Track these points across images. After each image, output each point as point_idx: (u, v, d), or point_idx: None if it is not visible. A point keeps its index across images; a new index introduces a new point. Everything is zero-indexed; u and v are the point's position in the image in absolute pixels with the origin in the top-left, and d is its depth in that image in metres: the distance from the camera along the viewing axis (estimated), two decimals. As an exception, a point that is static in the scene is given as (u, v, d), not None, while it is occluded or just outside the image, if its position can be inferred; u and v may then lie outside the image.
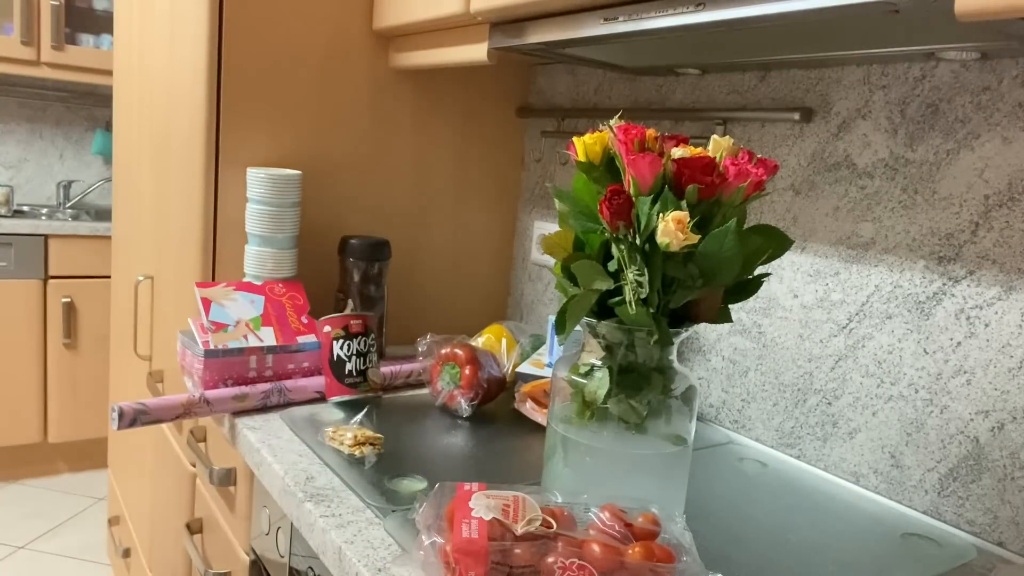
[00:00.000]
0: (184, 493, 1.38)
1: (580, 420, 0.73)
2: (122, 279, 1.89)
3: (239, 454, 1.06)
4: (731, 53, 0.98)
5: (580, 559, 0.59)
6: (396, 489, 0.84)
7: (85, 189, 3.18)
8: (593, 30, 0.89)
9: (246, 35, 1.21)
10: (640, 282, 0.66)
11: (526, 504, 0.63)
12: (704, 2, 0.76)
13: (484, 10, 1.01)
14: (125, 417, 0.95)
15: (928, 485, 0.91)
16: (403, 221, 1.43)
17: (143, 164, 1.63)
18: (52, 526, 2.50)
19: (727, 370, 1.15)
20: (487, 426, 1.07)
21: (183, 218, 1.33)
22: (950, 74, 0.89)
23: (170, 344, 1.45)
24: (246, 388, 1.04)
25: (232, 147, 1.23)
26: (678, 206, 0.66)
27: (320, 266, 1.34)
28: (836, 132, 1.01)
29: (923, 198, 0.92)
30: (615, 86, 1.34)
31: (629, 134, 0.68)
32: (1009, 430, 0.84)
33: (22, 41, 2.69)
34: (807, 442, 1.04)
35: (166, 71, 1.42)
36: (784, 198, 1.07)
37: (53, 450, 2.87)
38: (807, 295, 1.04)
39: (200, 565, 1.20)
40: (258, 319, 1.11)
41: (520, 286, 1.58)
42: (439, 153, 1.45)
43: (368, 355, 1.09)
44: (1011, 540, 0.84)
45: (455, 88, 1.44)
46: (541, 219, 1.51)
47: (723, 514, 0.87)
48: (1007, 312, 0.84)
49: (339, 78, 1.31)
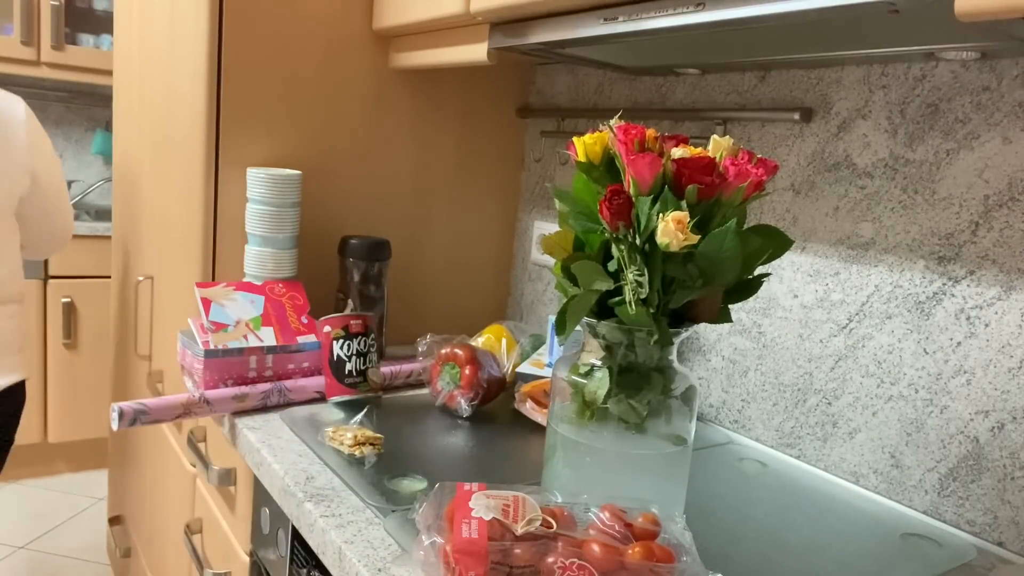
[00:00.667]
0: (184, 493, 1.38)
1: (580, 420, 0.73)
2: (122, 279, 1.89)
3: (239, 454, 1.06)
4: (731, 53, 0.98)
5: (580, 559, 0.59)
6: (396, 489, 0.84)
7: (85, 189, 3.18)
8: (593, 30, 0.89)
9: (246, 35, 1.21)
10: (640, 282, 0.66)
11: (526, 504, 0.63)
12: (704, 2, 0.76)
13: (484, 10, 1.01)
14: (125, 417, 0.95)
15: (928, 485, 0.91)
16: (403, 221, 1.43)
17: (143, 164, 1.63)
18: (52, 526, 2.50)
19: (727, 370, 1.15)
20: (487, 426, 1.07)
21: (183, 218, 1.33)
22: (950, 74, 0.89)
23: (170, 344, 1.45)
24: (246, 388, 1.04)
25: (232, 147, 1.23)
26: (678, 206, 0.66)
27: (320, 266, 1.34)
28: (836, 132, 1.01)
29: (923, 198, 0.92)
30: (615, 86, 1.34)
31: (629, 134, 0.68)
32: (1009, 430, 0.84)
33: (22, 41, 2.69)
34: (807, 442, 1.04)
35: (166, 71, 1.42)
36: (784, 198, 1.07)
37: (53, 450, 2.87)
38: (807, 295, 1.04)
39: (200, 565, 1.20)
40: (258, 319, 1.11)
41: (520, 286, 1.58)
42: (439, 153, 1.45)
43: (368, 355, 1.09)
44: (1011, 540, 0.84)
45: (455, 88, 1.44)
46: (541, 219, 1.51)
47: (723, 514, 0.87)
48: (1007, 312, 0.84)
49: (339, 78, 1.31)
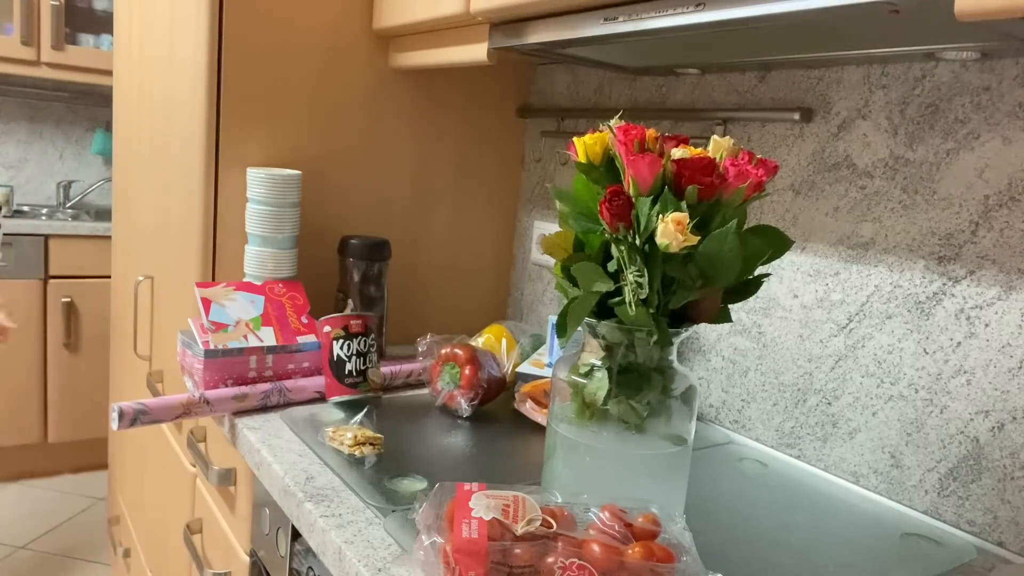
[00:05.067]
0: (184, 493, 1.38)
1: (580, 420, 0.73)
2: (122, 279, 1.89)
3: (239, 454, 1.06)
4: (731, 53, 0.98)
5: (580, 559, 0.59)
6: (396, 489, 0.84)
7: (85, 189, 3.18)
8: (593, 30, 0.89)
9: (246, 35, 1.21)
10: (640, 283, 0.66)
11: (526, 504, 0.63)
12: (704, 2, 0.76)
13: (484, 10, 1.01)
14: (125, 417, 0.95)
15: (928, 485, 0.91)
16: (403, 221, 1.43)
17: (143, 164, 1.63)
18: (52, 526, 2.50)
19: (727, 370, 1.15)
20: (487, 426, 1.07)
21: (183, 218, 1.33)
22: (950, 74, 0.89)
23: (170, 344, 1.45)
24: (246, 388, 1.04)
25: (232, 147, 1.23)
26: (678, 207, 0.66)
27: (320, 266, 1.34)
28: (836, 132, 1.01)
29: (923, 198, 0.92)
30: (615, 86, 1.34)
31: (629, 134, 0.68)
32: (1009, 430, 0.84)
33: (22, 41, 2.69)
34: (807, 442, 1.04)
35: (166, 71, 1.42)
36: (784, 198, 1.07)
37: (53, 450, 2.87)
38: (807, 295, 1.04)
39: (200, 565, 1.20)
40: (258, 319, 1.11)
41: (520, 286, 1.58)
42: (439, 153, 1.45)
43: (368, 355, 1.09)
44: (1011, 540, 0.84)
45: (455, 88, 1.44)
46: (541, 219, 1.51)
47: (723, 514, 0.87)
48: (1007, 312, 0.84)
49: (339, 78, 1.31)
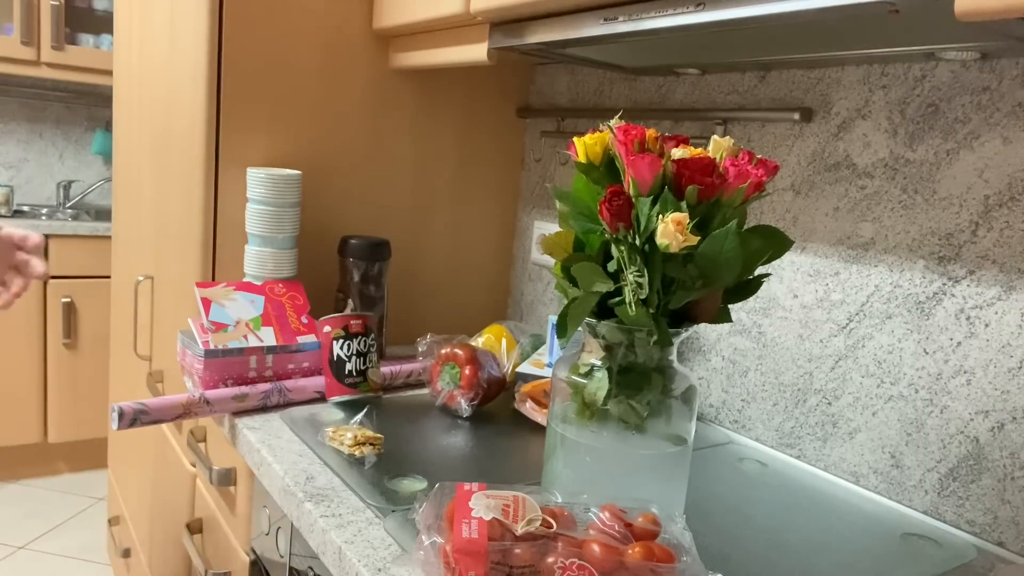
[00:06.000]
0: (184, 493, 1.38)
1: (580, 420, 0.73)
2: (122, 279, 1.89)
3: (239, 454, 1.06)
4: (731, 53, 0.98)
5: (580, 559, 0.59)
6: (396, 489, 0.84)
7: (85, 189, 3.18)
8: (593, 30, 0.89)
9: (246, 35, 1.21)
10: (640, 283, 0.66)
11: (526, 504, 0.63)
12: (704, 2, 0.76)
13: (484, 10, 1.01)
14: (125, 417, 0.95)
15: (928, 485, 0.91)
16: (403, 221, 1.43)
17: (143, 164, 1.63)
18: (52, 526, 2.50)
19: (727, 370, 1.15)
20: (487, 426, 1.07)
21: (183, 218, 1.33)
22: (950, 74, 0.89)
23: (170, 344, 1.45)
24: (246, 388, 1.04)
25: (232, 147, 1.23)
26: (678, 207, 0.66)
27: (320, 266, 1.34)
28: (836, 132, 1.01)
29: (923, 198, 0.92)
30: (615, 86, 1.34)
31: (629, 135, 0.68)
32: (1009, 430, 0.84)
33: (22, 41, 2.69)
34: (807, 442, 1.04)
35: (166, 71, 1.42)
36: (784, 198, 1.07)
37: (53, 450, 2.87)
38: (807, 295, 1.04)
39: (200, 565, 1.20)
40: (258, 319, 1.11)
41: (520, 286, 1.58)
42: (439, 153, 1.45)
43: (368, 355, 1.09)
44: (1011, 540, 0.84)
45: (455, 88, 1.44)
46: (541, 219, 1.51)
47: (723, 514, 0.87)
48: (1007, 312, 0.84)
49: (339, 78, 1.31)
